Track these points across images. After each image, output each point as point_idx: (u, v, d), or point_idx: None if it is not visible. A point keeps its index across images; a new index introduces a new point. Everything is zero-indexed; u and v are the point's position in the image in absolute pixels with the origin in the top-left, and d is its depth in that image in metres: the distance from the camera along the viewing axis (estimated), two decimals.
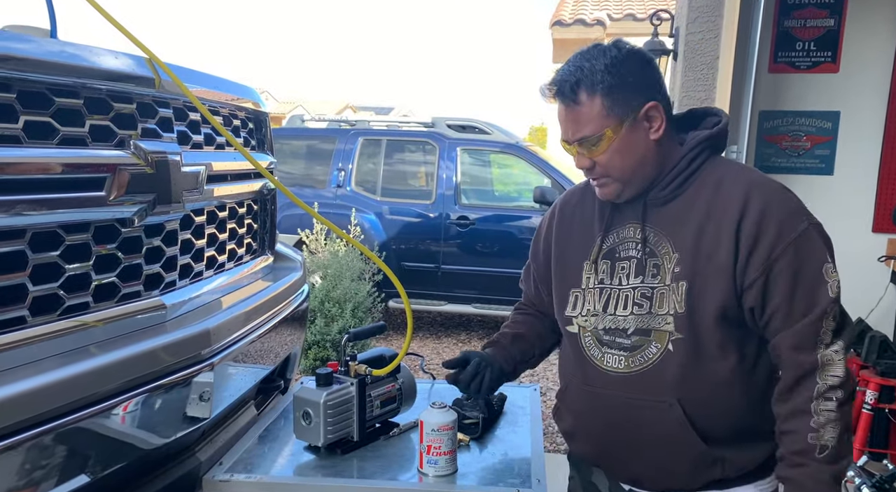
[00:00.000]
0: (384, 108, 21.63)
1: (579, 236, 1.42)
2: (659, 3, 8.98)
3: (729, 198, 1.25)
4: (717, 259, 1.24)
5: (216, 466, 1.48)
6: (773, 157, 3.53)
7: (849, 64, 3.41)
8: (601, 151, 1.26)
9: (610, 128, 1.24)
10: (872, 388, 3.12)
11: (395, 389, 1.66)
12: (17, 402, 1.01)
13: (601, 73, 1.23)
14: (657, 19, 3.74)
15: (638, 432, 1.31)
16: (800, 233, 1.22)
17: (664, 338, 1.27)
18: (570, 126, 1.28)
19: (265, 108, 2.06)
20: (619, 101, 1.24)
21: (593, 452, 1.42)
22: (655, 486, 1.35)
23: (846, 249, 3.34)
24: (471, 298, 5.68)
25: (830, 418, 1.20)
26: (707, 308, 1.24)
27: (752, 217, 1.22)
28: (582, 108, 1.25)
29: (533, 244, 1.57)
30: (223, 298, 1.69)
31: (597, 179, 1.32)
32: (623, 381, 1.30)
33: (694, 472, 1.30)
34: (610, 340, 1.32)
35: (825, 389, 1.20)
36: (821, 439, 1.20)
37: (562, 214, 1.49)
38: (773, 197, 1.25)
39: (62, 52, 1.21)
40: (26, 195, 1.11)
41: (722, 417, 1.28)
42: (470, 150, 6.00)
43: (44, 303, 1.18)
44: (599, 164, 1.28)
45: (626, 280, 1.32)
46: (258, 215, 2.04)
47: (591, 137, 1.25)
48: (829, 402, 1.20)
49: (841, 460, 1.21)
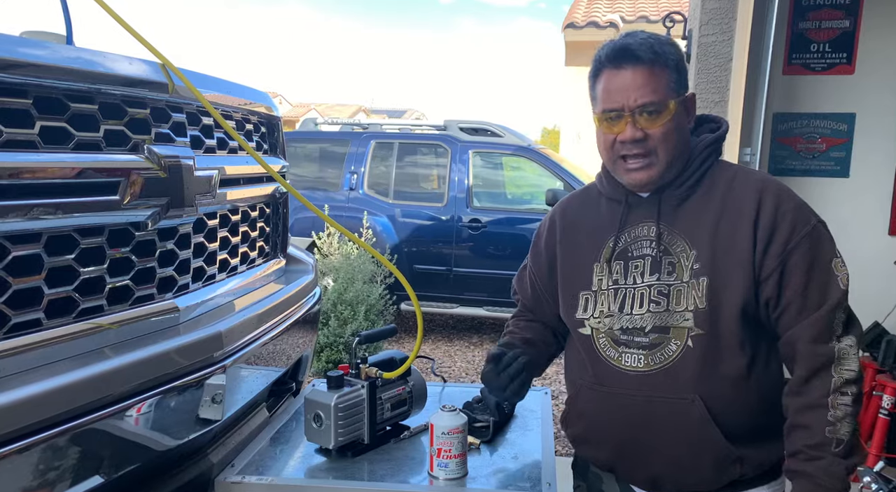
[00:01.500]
0: (397, 111, 21.68)
1: (588, 239, 1.41)
2: (672, 5, 8.95)
3: (743, 194, 1.29)
4: (737, 253, 1.26)
5: (228, 467, 1.49)
6: (787, 159, 3.50)
7: (864, 65, 3.37)
8: (661, 122, 1.26)
9: (673, 101, 1.27)
10: (889, 393, 3.08)
11: (406, 391, 1.67)
12: (32, 403, 1.02)
13: (670, 46, 1.28)
14: (670, 21, 3.73)
15: (658, 431, 1.31)
16: (813, 226, 1.26)
17: (683, 334, 1.28)
18: (633, 92, 1.24)
19: (278, 112, 2.08)
20: (680, 80, 1.29)
21: (608, 455, 1.41)
22: (675, 487, 1.35)
23: (862, 253, 3.33)
24: (482, 300, 5.68)
25: (847, 413, 1.21)
26: (730, 302, 1.26)
27: (767, 211, 1.26)
28: (654, 75, 1.26)
29: (532, 252, 1.55)
30: (236, 301, 1.70)
31: (640, 157, 1.28)
32: (643, 379, 1.31)
33: (715, 470, 1.29)
34: (627, 339, 1.32)
35: (841, 383, 1.22)
36: (837, 433, 1.20)
37: (564, 219, 1.48)
38: (783, 193, 1.30)
39: (77, 58, 1.23)
40: (42, 199, 1.12)
41: (741, 413, 1.29)
42: (482, 152, 6.00)
43: (59, 306, 1.19)
44: (653, 136, 1.26)
45: (640, 279, 1.33)
46: (270, 219, 2.05)
47: (656, 104, 1.25)
48: (845, 396, 1.21)
49: (854, 455, 1.22)
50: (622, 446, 1.36)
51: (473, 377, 4.92)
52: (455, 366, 5.20)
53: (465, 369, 5.14)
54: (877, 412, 3.11)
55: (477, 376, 4.97)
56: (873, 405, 3.15)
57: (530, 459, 1.56)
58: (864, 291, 2.94)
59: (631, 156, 1.29)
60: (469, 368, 5.16)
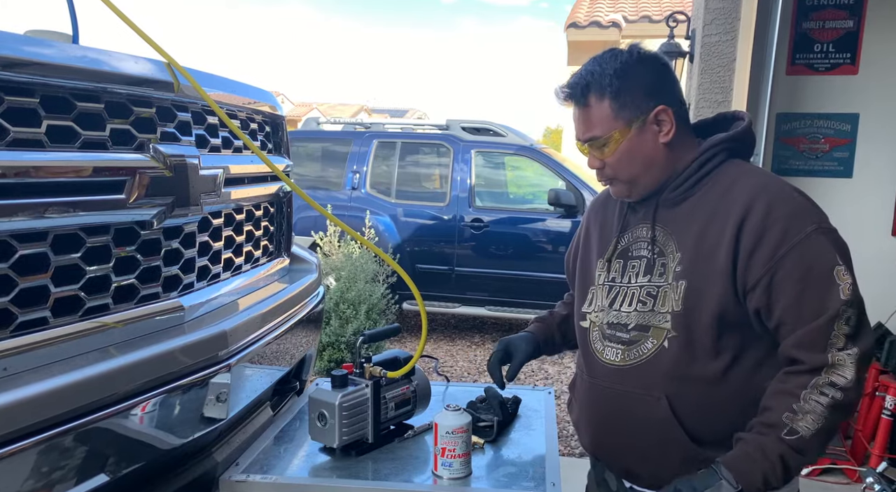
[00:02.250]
0: (399, 110, 21.68)
1: (599, 237, 1.48)
2: (675, 5, 8.93)
3: (735, 199, 1.25)
4: (716, 261, 1.24)
5: (232, 466, 1.49)
6: (790, 159, 3.50)
7: (868, 66, 3.37)
8: (609, 152, 1.31)
9: (618, 130, 1.29)
10: (893, 393, 3.08)
11: (410, 391, 1.67)
12: (38, 402, 1.03)
13: (610, 77, 1.28)
14: (673, 21, 3.72)
15: (630, 425, 1.34)
16: (807, 234, 1.19)
17: (661, 335, 1.29)
18: (580, 127, 1.34)
19: (282, 111, 2.08)
20: (627, 105, 1.28)
21: (591, 442, 1.46)
22: (648, 483, 1.36)
23: (865, 253, 3.30)
24: (485, 300, 5.68)
25: (815, 411, 1.15)
26: (704, 308, 1.25)
27: (755, 218, 1.21)
28: (591, 110, 1.30)
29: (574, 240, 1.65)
30: (240, 300, 1.71)
31: (606, 180, 1.38)
32: (617, 372, 1.34)
33: (683, 471, 1.28)
34: (611, 334, 1.37)
35: (825, 383, 1.16)
36: (795, 422, 1.16)
37: (588, 216, 1.57)
38: (780, 198, 1.23)
39: (84, 57, 1.23)
40: (48, 198, 1.12)
41: (712, 418, 1.28)
42: (484, 152, 6.00)
43: (65, 304, 1.19)
44: (608, 164, 1.34)
45: (635, 279, 1.35)
46: (274, 218, 2.06)
47: (599, 139, 1.31)
48: (822, 396, 1.16)
49: (802, 453, 1.16)
50: (601, 436, 1.42)
51: (476, 377, 4.92)
52: (457, 365, 5.20)
53: (468, 368, 5.14)
54: (880, 413, 3.11)
55: (479, 375, 4.97)
56: (876, 406, 3.15)
57: (534, 458, 1.56)
58: (867, 292, 2.92)
59: (601, 177, 1.38)
60: (471, 367, 5.16)
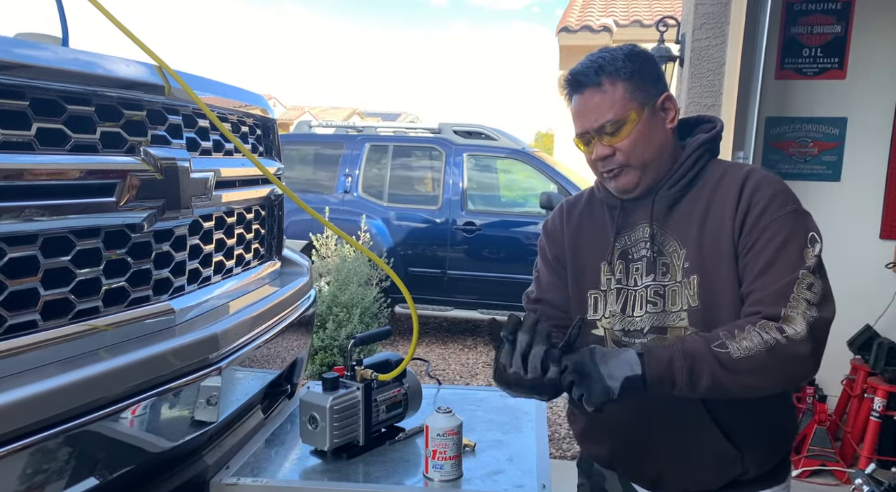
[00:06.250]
0: (391, 114, 21.69)
1: (592, 239, 1.43)
2: (666, 9, 9.00)
3: (728, 188, 1.29)
4: (721, 248, 1.26)
5: (223, 469, 1.49)
6: (779, 163, 3.53)
7: (856, 70, 3.40)
8: (623, 135, 1.28)
9: (633, 111, 1.27)
10: (881, 395, 3.10)
11: (401, 393, 1.67)
12: (27, 405, 1.02)
13: (622, 60, 1.29)
14: (663, 26, 3.75)
15: (659, 429, 1.32)
16: (790, 211, 1.24)
17: (680, 334, 1.29)
18: (591, 114, 1.29)
19: (273, 114, 2.08)
20: (640, 87, 1.29)
21: (609, 452, 1.42)
22: (676, 485, 1.35)
23: (854, 256, 3.36)
24: (477, 303, 5.69)
25: (752, 341, 1.14)
26: (723, 298, 1.26)
27: (746, 196, 1.25)
28: (605, 93, 1.28)
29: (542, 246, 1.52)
30: (231, 303, 1.70)
31: (615, 169, 1.31)
32: None
33: (715, 468, 1.29)
34: (628, 341, 1.34)
35: (772, 327, 1.15)
36: (728, 339, 1.15)
37: (570, 217, 1.48)
38: (765, 181, 1.28)
39: (74, 60, 1.23)
40: (38, 201, 1.12)
41: (741, 411, 1.28)
42: (476, 155, 6.01)
43: (55, 307, 1.19)
44: (621, 150, 1.29)
45: (639, 280, 1.34)
46: (266, 221, 2.06)
47: (614, 121, 1.27)
48: (765, 334, 1.14)
49: (721, 366, 1.14)
50: (623, 444, 1.38)
51: (468, 379, 4.93)
52: (449, 369, 5.20)
53: (460, 371, 5.14)
54: (868, 415, 3.13)
55: (471, 378, 4.97)
56: (865, 408, 3.17)
57: (525, 460, 1.56)
58: (856, 294, 2.96)
59: (609, 167, 1.33)
60: (463, 370, 5.16)
